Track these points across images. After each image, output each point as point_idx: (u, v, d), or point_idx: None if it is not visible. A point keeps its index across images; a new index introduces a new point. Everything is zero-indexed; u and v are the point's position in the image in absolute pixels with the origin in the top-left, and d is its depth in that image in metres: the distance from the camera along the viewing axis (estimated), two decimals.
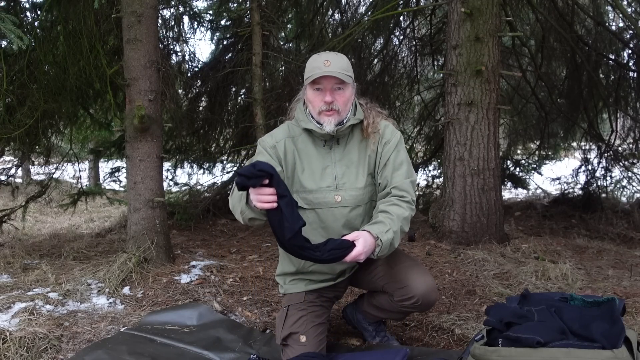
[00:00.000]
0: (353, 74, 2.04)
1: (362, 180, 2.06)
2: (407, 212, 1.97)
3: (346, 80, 1.96)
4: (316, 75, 1.93)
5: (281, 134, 2.10)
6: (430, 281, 2.07)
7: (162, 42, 5.19)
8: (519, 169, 7.18)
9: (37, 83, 4.02)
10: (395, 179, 2.02)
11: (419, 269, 2.12)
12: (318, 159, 2.06)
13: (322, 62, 1.95)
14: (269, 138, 2.10)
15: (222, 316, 2.66)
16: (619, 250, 4.06)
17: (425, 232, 4.45)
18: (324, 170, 2.06)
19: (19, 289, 3.00)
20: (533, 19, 6.08)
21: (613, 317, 1.72)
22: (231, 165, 6.29)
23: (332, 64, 1.94)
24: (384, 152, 2.05)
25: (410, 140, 7.15)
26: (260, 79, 4.73)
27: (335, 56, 1.99)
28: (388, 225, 1.88)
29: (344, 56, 2.03)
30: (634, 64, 6.25)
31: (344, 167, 2.06)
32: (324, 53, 2.02)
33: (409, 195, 2.00)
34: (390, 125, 2.13)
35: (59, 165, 5.03)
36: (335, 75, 1.93)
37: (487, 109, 3.90)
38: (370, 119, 2.09)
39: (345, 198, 2.05)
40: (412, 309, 2.11)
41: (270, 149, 2.05)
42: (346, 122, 2.03)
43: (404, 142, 2.12)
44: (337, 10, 6.61)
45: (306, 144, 2.08)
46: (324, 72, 1.93)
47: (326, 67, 1.93)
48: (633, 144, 6.65)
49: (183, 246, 4.13)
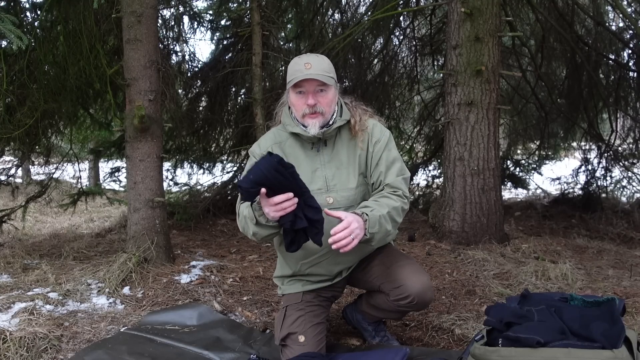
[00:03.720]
0: (335, 75, 2.03)
1: (354, 181, 2.05)
2: (398, 203, 1.97)
3: (328, 82, 1.96)
4: (297, 78, 1.93)
5: (268, 142, 2.09)
6: (425, 280, 2.06)
7: (162, 42, 5.19)
8: (519, 169, 7.18)
9: (37, 83, 4.02)
10: (389, 177, 2.02)
11: (415, 268, 2.11)
12: (307, 162, 2.05)
13: (302, 65, 1.94)
14: (257, 148, 2.10)
15: (222, 316, 2.66)
16: (619, 250, 4.06)
17: (425, 232, 4.45)
18: (314, 173, 2.04)
19: (19, 289, 3.00)
20: (533, 19, 6.08)
21: (613, 317, 1.72)
22: (231, 165, 6.29)
23: (313, 66, 1.93)
24: (375, 152, 2.05)
25: (410, 140, 7.15)
26: (260, 79, 4.73)
27: (316, 58, 1.99)
28: (372, 206, 1.89)
29: (325, 58, 2.03)
30: (634, 64, 6.25)
31: (333, 169, 2.05)
32: (304, 55, 2.02)
33: (401, 190, 2.01)
34: (378, 123, 2.12)
35: (59, 165, 5.03)
36: (316, 77, 1.92)
37: (487, 109, 3.90)
38: (357, 117, 2.08)
39: (337, 199, 2.04)
40: (409, 308, 2.11)
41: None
42: (332, 123, 2.03)
43: (393, 139, 2.11)
44: (337, 10, 6.61)
45: (294, 148, 2.07)
46: (305, 75, 1.92)
47: (307, 70, 1.92)
48: (633, 144, 6.65)
49: (183, 246, 4.13)
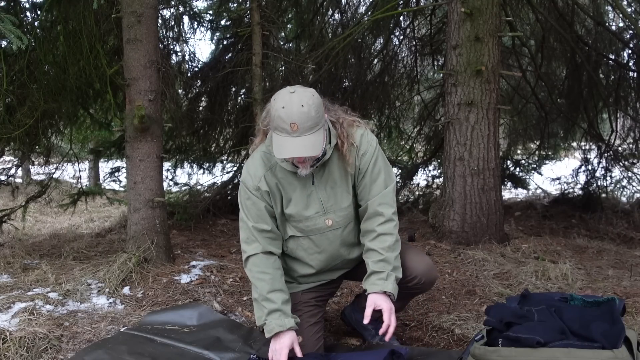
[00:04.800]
0: (323, 113, 1.86)
1: (348, 198, 2.05)
2: (393, 236, 2.00)
3: (316, 152, 1.82)
4: (284, 154, 1.81)
5: (259, 170, 2.01)
6: (428, 260, 2.15)
7: (162, 42, 5.18)
8: (519, 169, 7.17)
9: (37, 83, 4.02)
10: (373, 191, 2.02)
11: (416, 251, 2.21)
12: (301, 187, 2.01)
13: (288, 125, 1.77)
14: (249, 179, 2.02)
15: (222, 316, 2.66)
16: (619, 250, 4.05)
17: (425, 232, 4.45)
18: (309, 197, 2.02)
19: (19, 289, 3.00)
20: (533, 19, 6.08)
21: (613, 317, 1.72)
22: (231, 165, 6.29)
23: (299, 127, 1.76)
24: (362, 165, 2.02)
25: (410, 140, 7.15)
26: (260, 79, 4.73)
27: (301, 112, 1.77)
28: (383, 269, 1.95)
29: (311, 104, 1.79)
30: (634, 64, 6.25)
31: (328, 189, 2.03)
32: (288, 106, 1.78)
33: (388, 210, 2.00)
34: (366, 133, 2.04)
35: (59, 165, 5.03)
36: (304, 155, 1.81)
37: (487, 109, 3.90)
38: (344, 137, 1.98)
39: (336, 220, 2.05)
40: (416, 289, 2.15)
41: (255, 192, 2.00)
42: (323, 157, 1.96)
43: (380, 148, 2.06)
44: (337, 10, 6.60)
45: (285, 173, 2.01)
46: (293, 153, 1.80)
47: (294, 134, 1.77)
48: (633, 144, 6.64)
49: (183, 246, 4.13)
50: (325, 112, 1.92)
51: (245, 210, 2.04)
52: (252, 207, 2.02)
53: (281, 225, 2.07)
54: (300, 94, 1.81)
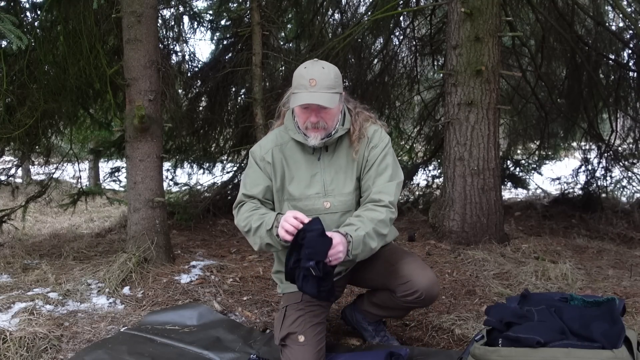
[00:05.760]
0: (341, 85, 1.99)
1: (350, 185, 2.06)
2: (383, 214, 1.96)
3: (330, 105, 1.92)
4: (300, 100, 1.90)
5: (269, 144, 2.11)
6: (431, 275, 2.09)
7: (162, 42, 5.19)
8: (519, 169, 7.18)
9: (37, 83, 4.02)
10: (377, 183, 2.02)
11: (420, 264, 2.14)
12: (306, 166, 2.07)
13: (307, 80, 1.90)
14: (257, 149, 2.13)
15: (222, 316, 2.66)
16: (619, 250, 4.06)
17: (425, 232, 4.45)
18: (313, 177, 2.06)
19: (19, 289, 3.00)
20: (533, 19, 6.08)
21: (613, 317, 1.72)
22: (231, 165, 6.29)
23: (317, 83, 1.89)
24: (370, 156, 2.05)
25: (410, 140, 7.15)
26: (260, 79, 4.73)
27: (322, 72, 1.93)
28: (357, 225, 1.90)
29: (331, 68, 1.97)
30: (634, 64, 6.25)
31: (332, 173, 2.06)
32: (310, 66, 1.95)
33: (386, 197, 1.99)
34: (380, 129, 2.11)
35: (59, 165, 5.03)
36: (318, 103, 1.89)
37: (487, 109, 3.90)
38: (357, 125, 2.07)
39: (334, 204, 2.05)
40: (415, 304, 2.12)
41: (260, 162, 2.09)
42: (334, 134, 2.03)
43: (391, 146, 2.10)
44: (337, 10, 6.60)
45: (294, 152, 2.08)
46: (308, 99, 1.89)
47: (311, 88, 1.89)
48: (633, 144, 6.64)
49: (183, 246, 4.13)
50: (344, 94, 2.04)
51: (245, 179, 2.12)
52: (252, 175, 2.10)
53: (278, 203, 2.10)
54: (323, 62, 1.99)
